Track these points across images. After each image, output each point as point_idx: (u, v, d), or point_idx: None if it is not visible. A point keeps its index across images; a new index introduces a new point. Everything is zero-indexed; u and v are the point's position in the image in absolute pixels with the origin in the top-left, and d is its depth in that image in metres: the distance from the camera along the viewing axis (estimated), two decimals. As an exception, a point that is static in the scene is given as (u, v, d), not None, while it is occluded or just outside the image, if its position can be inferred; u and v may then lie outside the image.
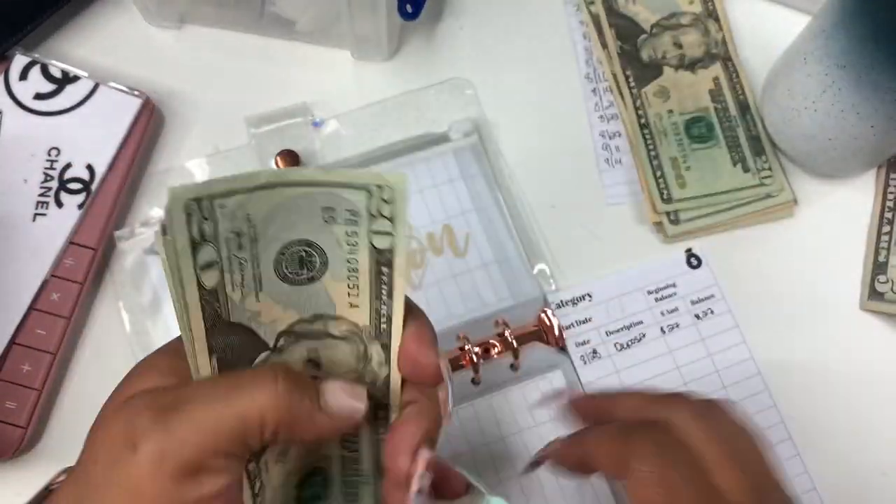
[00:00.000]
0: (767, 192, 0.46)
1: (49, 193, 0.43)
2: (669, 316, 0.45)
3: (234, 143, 0.46)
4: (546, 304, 0.44)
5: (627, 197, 0.47)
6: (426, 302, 0.43)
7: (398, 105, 0.48)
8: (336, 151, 0.47)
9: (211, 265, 0.23)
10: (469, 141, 0.46)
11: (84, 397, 0.42)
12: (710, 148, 0.47)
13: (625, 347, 0.44)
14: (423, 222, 0.44)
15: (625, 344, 0.44)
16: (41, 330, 0.41)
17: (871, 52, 0.38)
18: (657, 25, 0.50)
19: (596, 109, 0.49)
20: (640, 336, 0.44)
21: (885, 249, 0.46)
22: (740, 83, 0.49)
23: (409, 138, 0.47)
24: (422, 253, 0.44)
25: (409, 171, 0.45)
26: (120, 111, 0.44)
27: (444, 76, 0.49)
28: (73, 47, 0.48)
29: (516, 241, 0.44)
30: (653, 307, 0.45)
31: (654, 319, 0.45)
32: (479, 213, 0.45)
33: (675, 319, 0.45)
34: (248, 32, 0.49)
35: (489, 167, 0.46)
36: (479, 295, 0.43)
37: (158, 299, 0.42)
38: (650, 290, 0.45)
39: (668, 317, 0.45)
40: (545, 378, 0.42)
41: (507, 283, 0.44)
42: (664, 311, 0.45)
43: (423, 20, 0.49)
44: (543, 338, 0.43)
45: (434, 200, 0.45)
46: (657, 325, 0.44)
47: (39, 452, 0.41)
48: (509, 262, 0.44)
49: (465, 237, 0.44)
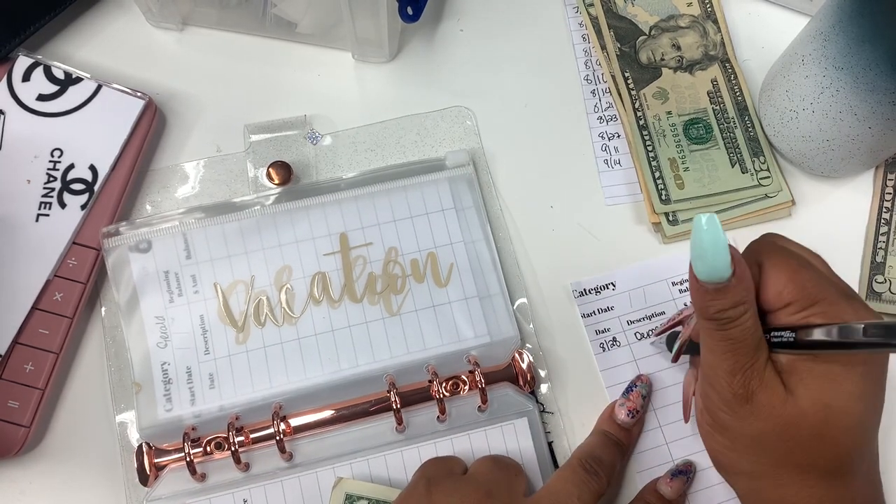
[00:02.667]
0: (765, 193, 0.47)
1: (52, 194, 0.43)
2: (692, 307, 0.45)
3: (236, 144, 0.47)
4: (522, 345, 0.44)
5: (626, 198, 0.47)
6: (402, 328, 0.42)
7: (399, 127, 0.48)
8: (331, 168, 0.47)
9: None
10: (465, 172, 0.45)
11: (87, 397, 0.42)
12: (709, 149, 0.47)
13: (645, 337, 0.44)
14: (410, 249, 0.44)
15: (645, 333, 0.44)
16: (44, 329, 0.41)
17: (868, 53, 0.39)
18: (656, 27, 0.50)
19: (595, 111, 0.49)
20: None
21: (882, 250, 0.46)
22: (738, 85, 0.49)
23: (407, 162, 0.47)
24: (404, 279, 0.44)
25: (402, 196, 0.45)
26: (123, 112, 0.44)
27: (443, 77, 0.49)
28: (76, 49, 0.48)
29: (501, 279, 0.44)
30: (676, 298, 0.45)
31: (676, 310, 0.45)
32: (466, 246, 0.44)
33: None
34: (250, 34, 0.49)
35: (482, 200, 0.45)
36: (456, 329, 0.43)
37: (135, 299, 0.42)
38: (674, 280, 0.45)
39: (690, 307, 0.45)
40: (511, 424, 0.42)
41: (487, 319, 0.43)
42: (687, 303, 0.45)
43: (424, 22, 0.50)
44: (515, 379, 0.43)
45: (423, 228, 0.44)
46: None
47: (42, 451, 0.42)
48: (491, 299, 0.43)
49: (448, 267, 0.44)
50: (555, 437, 0.43)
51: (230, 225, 0.43)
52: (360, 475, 0.40)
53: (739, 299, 0.31)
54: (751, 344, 0.31)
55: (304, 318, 0.42)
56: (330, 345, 0.42)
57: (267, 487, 0.40)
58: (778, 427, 0.31)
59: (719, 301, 0.31)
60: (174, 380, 0.41)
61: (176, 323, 0.42)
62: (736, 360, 0.31)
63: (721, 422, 0.33)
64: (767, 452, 0.32)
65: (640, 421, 0.42)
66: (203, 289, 0.42)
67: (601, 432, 0.41)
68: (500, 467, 0.38)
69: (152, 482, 0.40)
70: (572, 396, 0.43)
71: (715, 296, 0.31)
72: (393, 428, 0.41)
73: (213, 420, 0.41)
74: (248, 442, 0.40)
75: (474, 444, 0.41)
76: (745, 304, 0.31)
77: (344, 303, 0.43)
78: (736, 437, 0.33)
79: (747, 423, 0.32)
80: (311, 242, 0.44)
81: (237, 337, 0.42)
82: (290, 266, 0.43)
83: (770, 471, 0.33)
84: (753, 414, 0.31)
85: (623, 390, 0.42)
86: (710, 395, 0.33)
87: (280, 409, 0.41)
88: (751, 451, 0.33)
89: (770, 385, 0.31)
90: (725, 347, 0.31)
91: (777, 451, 0.32)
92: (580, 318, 0.45)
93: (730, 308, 0.31)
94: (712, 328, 0.32)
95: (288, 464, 0.41)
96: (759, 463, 0.33)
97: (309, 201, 0.44)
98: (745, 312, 0.31)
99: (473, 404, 0.42)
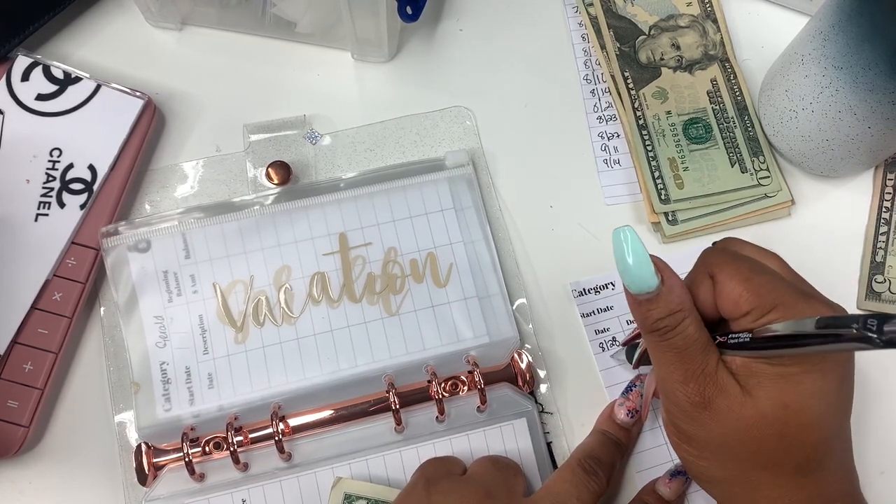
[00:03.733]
0: (765, 193, 0.47)
1: (51, 194, 0.43)
2: None
3: (235, 144, 0.47)
4: (522, 346, 0.44)
5: (626, 197, 0.47)
6: (401, 329, 0.42)
7: (398, 127, 0.48)
8: (330, 168, 0.47)
9: None
10: (465, 172, 0.45)
11: (86, 397, 0.42)
12: (708, 149, 0.47)
13: None
14: (409, 249, 0.44)
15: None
16: (43, 329, 0.41)
17: (868, 53, 0.39)
18: (655, 27, 0.50)
19: (594, 111, 0.49)
20: None
21: (882, 249, 0.46)
22: (738, 84, 0.49)
23: (406, 162, 0.47)
24: (403, 279, 0.43)
25: (402, 196, 0.45)
26: (122, 112, 0.44)
27: (443, 77, 0.49)
28: (75, 48, 0.48)
29: (500, 279, 0.44)
30: None
31: None
32: (465, 246, 0.44)
33: None
34: (250, 34, 0.49)
35: (482, 200, 0.45)
36: (455, 329, 0.43)
37: (134, 299, 0.42)
38: None
39: None
40: (510, 425, 0.42)
41: (486, 320, 0.43)
42: None
43: (423, 22, 0.50)
44: (514, 379, 0.43)
45: (423, 228, 0.44)
46: None
47: (41, 451, 0.42)
48: (490, 299, 0.43)
49: (448, 267, 0.44)
50: (554, 438, 0.43)
51: (229, 225, 0.43)
52: (358, 475, 0.40)
53: (674, 307, 0.31)
54: (696, 350, 0.31)
55: (303, 319, 0.42)
56: (329, 345, 0.42)
57: (266, 487, 0.40)
58: (739, 430, 0.31)
59: (654, 311, 0.31)
60: (173, 380, 0.41)
61: (175, 323, 0.42)
62: (686, 369, 0.31)
63: (684, 432, 0.33)
64: (733, 457, 0.32)
65: (639, 421, 0.42)
66: (202, 288, 0.42)
67: (600, 432, 0.41)
68: (499, 467, 0.38)
69: (151, 482, 0.40)
70: (571, 396, 0.43)
71: (649, 306, 0.31)
72: (392, 428, 0.41)
73: (211, 420, 0.40)
74: (247, 442, 0.40)
75: (473, 445, 0.41)
76: (681, 312, 0.31)
77: (343, 303, 0.43)
78: (702, 446, 0.33)
79: (708, 429, 0.32)
80: (311, 242, 0.44)
81: (236, 337, 0.42)
82: (290, 266, 0.43)
83: (740, 475, 0.32)
84: (713, 419, 0.31)
85: (622, 390, 0.42)
86: (670, 409, 0.33)
87: (279, 409, 0.41)
88: (718, 458, 0.33)
89: (725, 389, 0.31)
90: (672, 358, 0.32)
91: (742, 454, 0.32)
92: (580, 318, 0.45)
93: (666, 317, 0.31)
94: (656, 340, 0.32)
95: (287, 464, 0.41)
96: (728, 468, 0.33)
97: (308, 201, 0.44)
98: (683, 319, 0.31)
99: (472, 405, 0.42)
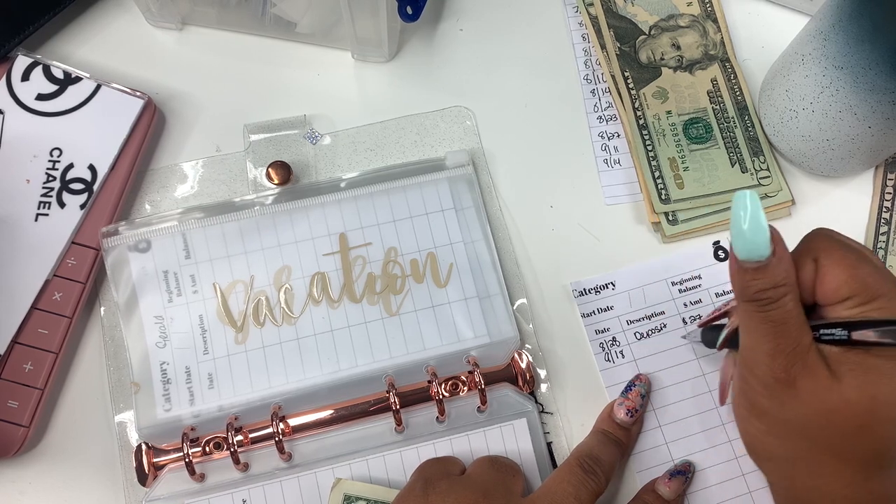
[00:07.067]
0: (765, 193, 0.47)
1: (51, 194, 0.43)
2: (693, 307, 0.45)
3: (235, 144, 0.47)
4: (522, 346, 0.44)
5: (626, 197, 0.47)
6: (401, 329, 0.42)
7: (398, 127, 0.48)
8: (331, 168, 0.47)
9: None
10: (465, 172, 0.45)
11: (86, 397, 0.42)
12: (708, 148, 0.47)
13: (644, 337, 0.44)
14: (409, 249, 0.44)
15: (645, 333, 0.44)
16: (43, 329, 0.41)
17: (868, 53, 0.39)
18: (656, 27, 0.50)
19: (595, 110, 0.49)
20: (661, 326, 0.45)
21: (882, 249, 0.46)
22: (738, 84, 0.49)
23: (406, 162, 0.47)
24: (403, 279, 0.43)
25: (402, 196, 0.45)
26: (122, 112, 0.44)
27: (443, 77, 0.49)
28: (75, 48, 0.48)
29: (501, 279, 0.44)
30: (676, 298, 0.45)
31: (676, 310, 0.45)
32: (466, 246, 0.44)
33: (699, 311, 0.45)
34: (250, 34, 0.49)
35: (482, 200, 0.45)
36: (455, 329, 0.43)
37: (135, 299, 0.42)
38: (674, 280, 0.45)
39: (690, 308, 0.45)
40: (510, 425, 0.42)
41: (486, 320, 0.43)
42: (687, 303, 0.45)
43: (423, 22, 0.50)
44: (514, 379, 0.43)
45: (423, 228, 0.44)
46: (679, 315, 0.45)
47: (41, 451, 0.42)
48: (490, 299, 0.43)
49: (448, 267, 0.44)
50: (554, 438, 0.43)
51: (229, 225, 0.43)
52: (358, 476, 0.40)
53: (780, 280, 0.30)
54: (792, 326, 0.31)
55: (303, 319, 0.42)
56: (329, 345, 0.42)
57: (266, 488, 0.40)
58: (820, 413, 0.30)
59: (759, 280, 0.31)
60: (173, 380, 0.41)
61: (175, 323, 0.42)
62: (777, 343, 0.31)
63: (759, 406, 0.32)
64: (806, 438, 0.31)
65: (639, 420, 0.42)
66: (202, 289, 0.42)
67: (600, 431, 0.41)
68: (498, 468, 0.38)
69: (151, 482, 0.40)
70: (571, 396, 0.43)
71: (754, 275, 0.31)
72: (392, 428, 0.41)
73: (212, 420, 0.40)
74: (247, 442, 0.40)
75: (473, 445, 0.41)
76: (785, 286, 0.31)
77: (343, 303, 0.43)
78: (774, 423, 0.32)
79: (788, 407, 0.31)
80: (311, 242, 0.44)
81: (236, 337, 0.42)
82: (290, 266, 0.43)
83: (806, 457, 0.32)
84: (795, 398, 0.31)
85: (622, 389, 0.42)
86: (749, 380, 0.32)
87: (279, 409, 0.41)
88: (788, 437, 0.32)
89: (814, 370, 0.30)
90: (766, 330, 0.31)
91: (816, 437, 0.31)
92: (580, 318, 0.45)
93: (770, 288, 0.31)
94: (752, 310, 0.31)
95: (287, 464, 0.41)
96: (796, 449, 0.32)
97: (308, 201, 0.44)
98: (786, 294, 0.31)
99: (473, 405, 0.42)
